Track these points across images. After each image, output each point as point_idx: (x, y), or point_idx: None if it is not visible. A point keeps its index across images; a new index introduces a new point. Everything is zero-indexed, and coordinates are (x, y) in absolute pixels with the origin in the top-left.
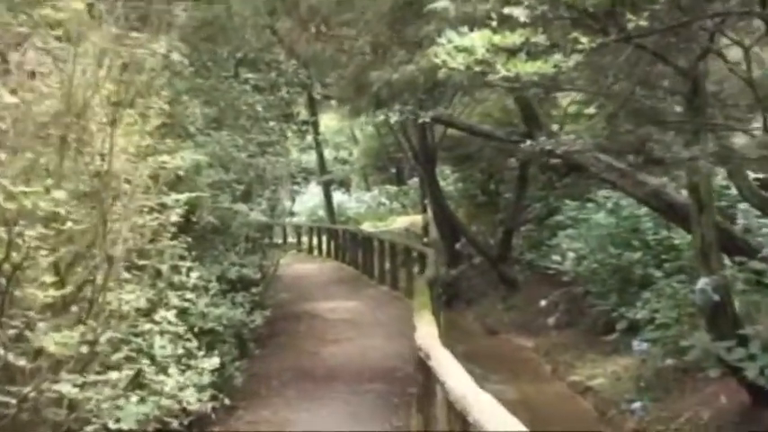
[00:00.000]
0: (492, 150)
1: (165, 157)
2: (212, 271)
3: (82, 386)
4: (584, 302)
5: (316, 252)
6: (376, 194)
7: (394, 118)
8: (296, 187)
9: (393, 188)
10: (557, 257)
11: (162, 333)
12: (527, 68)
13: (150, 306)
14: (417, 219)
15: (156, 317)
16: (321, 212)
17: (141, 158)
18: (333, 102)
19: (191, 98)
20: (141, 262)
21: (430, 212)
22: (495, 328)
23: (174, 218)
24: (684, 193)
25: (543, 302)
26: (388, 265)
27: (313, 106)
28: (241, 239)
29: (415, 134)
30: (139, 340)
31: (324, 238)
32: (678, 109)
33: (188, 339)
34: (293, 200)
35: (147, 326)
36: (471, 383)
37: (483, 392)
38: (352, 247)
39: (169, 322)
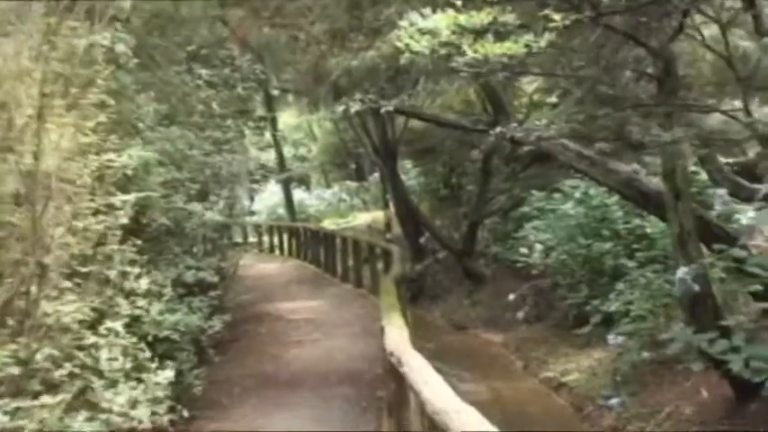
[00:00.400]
0: (453, 143)
1: (111, 155)
2: (167, 275)
3: (14, 412)
4: (553, 295)
5: (277, 251)
6: (336, 191)
7: (354, 108)
8: (255, 185)
9: (353, 184)
10: (524, 250)
11: (110, 345)
12: (495, 50)
13: (97, 316)
14: (379, 215)
15: (103, 328)
16: (281, 210)
17: (82, 156)
18: (290, 98)
19: (139, 93)
20: (85, 269)
21: (392, 208)
22: (462, 324)
23: (123, 220)
24: (656, 180)
25: (511, 296)
26: (351, 263)
27: (270, 103)
28: (198, 241)
29: (375, 128)
30: (84, 354)
31: (285, 237)
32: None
33: (140, 350)
34: (252, 198)
35: (93, 338)
36: (451, 394)
37: (466, 407)
38: (313, 246)
39: (117, 333)
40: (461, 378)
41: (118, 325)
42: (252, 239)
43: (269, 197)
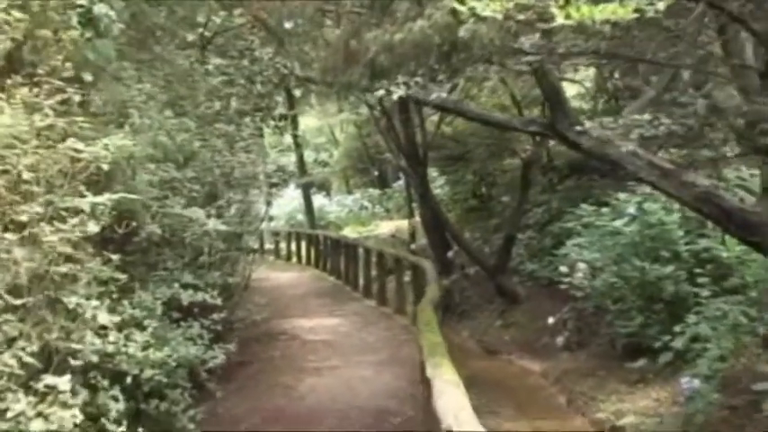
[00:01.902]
0: (485, 150)
1: (79, 145)
2: (159, 296)
3: None
4: (597, 321)
5: (294, 259)
6: (358, 198)
7: (398, 93)
8: (273, 190)
9: (376, 191)
10: (564, 269)
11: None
12: (596, 14)
13: (40, 366)
14: (403, 224)
15: (41, 383)
16: (300, 217)
17: (41, 144)
18: (313, 99)
19: (128, 71)
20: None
21: (418, 217)
22: (494, 348)
23: (92, 228)
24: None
25: (551, 320)
26: (374, 276)
27: (291, 103)
28: (202, 253)
29: (403, 131)
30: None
31: (303, 245)
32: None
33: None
34: (270, 203)
35: (20, 403)
36: None
37: None
38: (333, 255)
39: (60, 392)
40: (498, 414)
41: (64, 380)
42: (269, 246)
43: (288, 202)
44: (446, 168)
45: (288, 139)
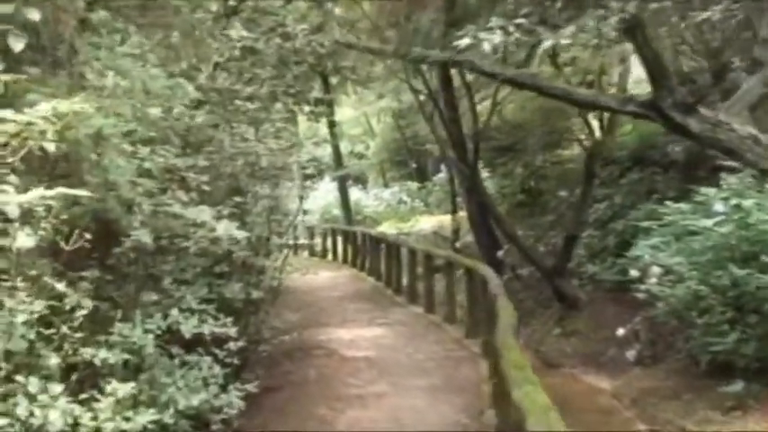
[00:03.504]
0: (538, 141)
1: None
2: (150, 325)
3: None
4: (672, 332)
5: (330, 256)
6: (396, 191)
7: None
8: (308, 182)
9: (414, 185)
10: (634, 272)
11: None
12: None
13: None
14: (445, 220)
15: None
16: (336, 211)
17: None
18: (349, 89)
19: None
20: None
21: (461, 213)
22: (554, 360)
23: (25, 240)
24: None
25: (621, 330)
26: (420, 278)
27: (327, 90)
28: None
29: (450, 119)
30: None
31: (339, 242)
32: None
33: None
34: (303, 197)
35: None
36: None
37: None
38: (373, 254)
39: None
40: None
41: None
42: (303, 241)
43: (323, 195)
44: (493, 161)
45: (322, 129)
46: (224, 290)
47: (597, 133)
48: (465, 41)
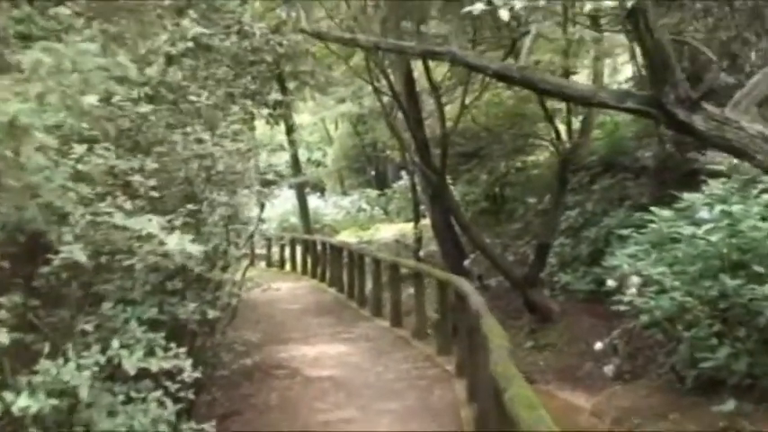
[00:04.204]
0: (505, 147)
1: None
2: (87, 359)
3: None
4: (651, 345)
5: (288, 266)
6: (355, 199)
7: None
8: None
9: (374, 192)
10: (611, 282)
11: None
12: None
13: None
14: (406, 228)
15: None
16: (294, 219)
17: None
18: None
19: None
20: None
21: (426, 221)
22: (526, 375)
23: None
24: None
25: (599, 344)
26: (386, 291)
27: (285, 95)
28: (171, 277)
29: (415, 124)
30: None
31: (298, 251)
32: None
33: None
34: (263, 205)
35: None
36: None
37: None
38: (334, 264)
39: None
40: None
41: None
42: (260, 251)
43: (280, 204)
44: (457, 167)
45: (279, 136)
46: (177, 309)
47: (564, 138)
48: (479, 6)
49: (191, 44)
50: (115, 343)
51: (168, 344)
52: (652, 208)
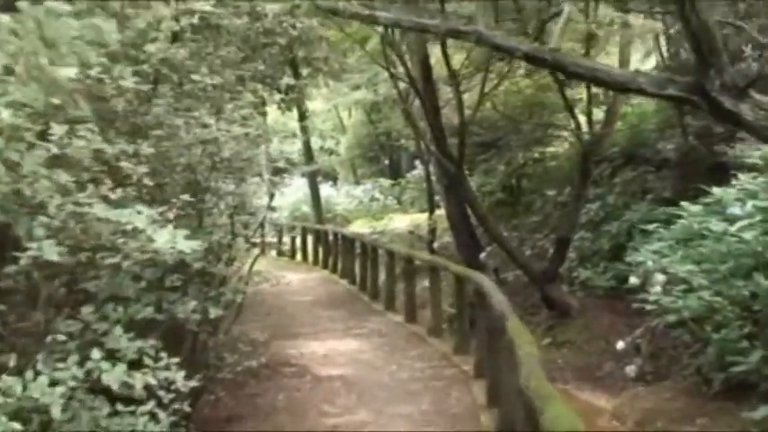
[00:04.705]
0: (524, 137)
1: None
2: (62, 374)
3: None
4: (675, 345)
5: (299, 257)
6: (368, 188)
7: None
8: (278, 177)
9: (387, 182)
10: (633, 280)
11: None
12: None
13: None
14: (420, 218)
15: None
16: (306, 208)
17: None
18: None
19: None
20: None
21: (440, 212)
22: (545, 373)
23: None
24: None
25: (621, 344)
26: (400, 284)
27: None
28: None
29: (432, 111)
30: None
31: (310, 241)
32: None
33: None
34: (273, 194)
35: None
36: None
37: None
38: (346, 255)
39: None
40: None
41: None
42: (271, 239)
43: (292, 192)
44: (474, 157)
45: (291, 124)
46: (176, 308)
47: (585, 129)
48: None
49: (196, 20)
50: (96, 353)
51: (159, 353)
52: (682, 203)
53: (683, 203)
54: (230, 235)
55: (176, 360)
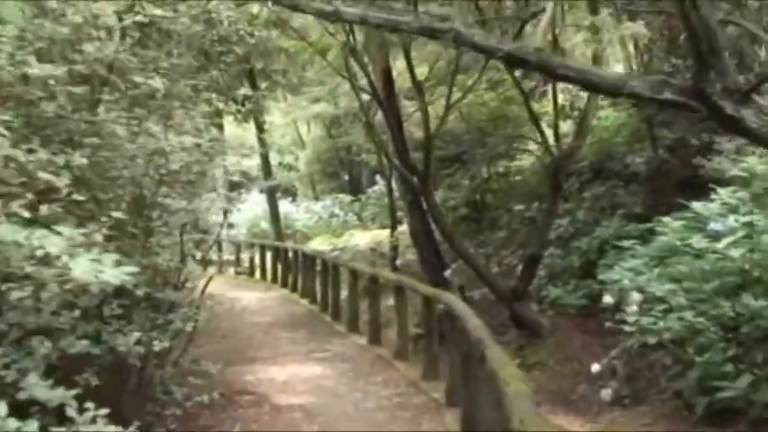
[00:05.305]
0: (489, 150)
1: None
2: None
3: None
4: (653, 367)
5: (258, 275)
6: (328, 204)
7: None
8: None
9: (347, 197)
10: (608, 299)
11: None
12: None
13: None
14: (382, 235)
15: None
16: (264, 225)
17: None
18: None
19: None
20: None
21: (403, 228)
22: None
23: None
24: None
25: (596, 366)
26: (363, 304)
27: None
28: (103, 302)
29: (393, 125)
30: None
31: (269, 259)
32: None
33: None
34: (227, 211)
35: None
36: None
37: None
38: (306, 273)
39: None
40: None
41: None
42: (228, 257)
43: (250, 208)
44: (437, 172)
45: (250, 139)
46: (116, 340)
47: (552, 142)
48: None
49: (142, 18)
50: (1, 408)
51: (85, 401)
52: (663, 218)
53: (665, 219)
54: (177, 257)
55: (104, 412)
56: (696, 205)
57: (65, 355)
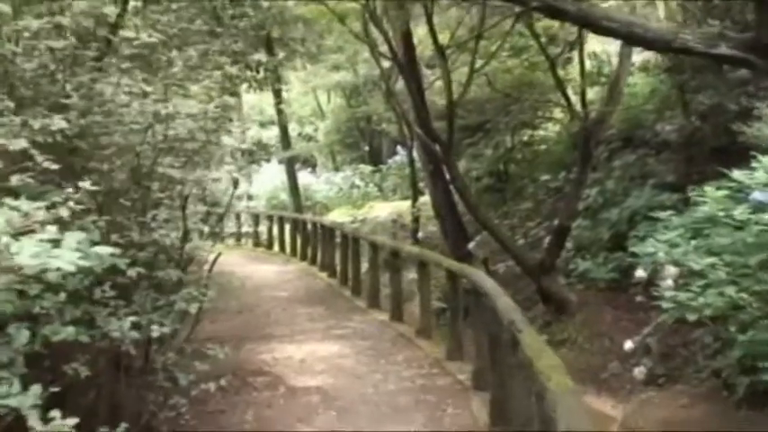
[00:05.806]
0: (513, 118)
1: None
2: None
3: None
4: (687, 344)
5: (276, 247)
6: (348, 175)
7: None
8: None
9: (367, 168)
10: (640, 273)
11: None
12: None
13: None
14: (403, 206)
15: None
16: (283, 196)
17: None
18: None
19: None
20: None
21: (424, 199)
22: None
23: None
24: None
25: (629, 344)
26: (383, 275)
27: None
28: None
29: (417, 92)
30: None
31: (287, 231)
32: None
33: None
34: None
35: None
36: None
37: None
38: (326, 246)
39: None
40: None
41: None
42: (247, 229)
43: (269, 180)
44: (460, 142)
45: (268, 110)
46: (108, 325)
47: (579, 109)
48: None
49: None
50: None
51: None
52: (705, 188)
53: (705, 188)
54: (178, 232)
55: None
56: (737, 174)
57: (52, 343)
